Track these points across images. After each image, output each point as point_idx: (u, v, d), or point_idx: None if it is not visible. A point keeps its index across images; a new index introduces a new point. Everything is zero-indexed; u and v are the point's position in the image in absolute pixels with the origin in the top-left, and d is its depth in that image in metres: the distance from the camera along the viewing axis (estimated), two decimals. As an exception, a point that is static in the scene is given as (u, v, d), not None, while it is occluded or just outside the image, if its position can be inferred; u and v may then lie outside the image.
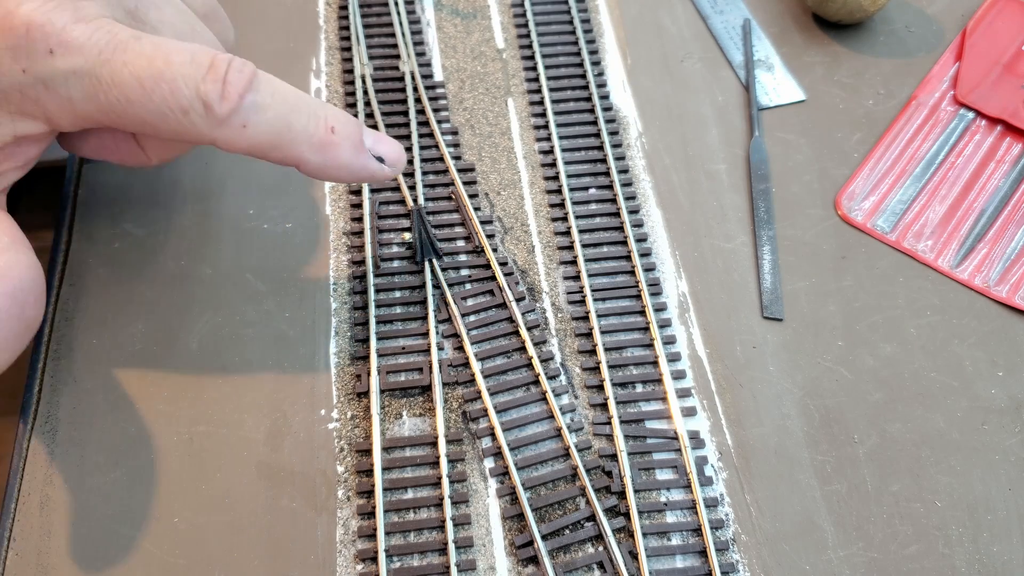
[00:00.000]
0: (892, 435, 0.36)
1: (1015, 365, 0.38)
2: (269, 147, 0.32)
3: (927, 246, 0.41)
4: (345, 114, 0.34)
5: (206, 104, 0.30)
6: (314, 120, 0.32)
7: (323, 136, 0.33)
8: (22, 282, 0.31)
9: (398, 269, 0.39)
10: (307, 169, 0.33)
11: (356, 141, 0.34)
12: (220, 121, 0.31)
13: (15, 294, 0.31)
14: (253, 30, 0.48)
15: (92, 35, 0.30)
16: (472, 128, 0.45)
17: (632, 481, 0.34)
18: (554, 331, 0.38)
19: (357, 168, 0.34)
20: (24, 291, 0.31)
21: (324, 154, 0.33)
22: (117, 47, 0.30)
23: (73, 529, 0.33)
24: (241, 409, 0.36)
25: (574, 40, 0.48)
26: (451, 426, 0.36)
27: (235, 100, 0.31)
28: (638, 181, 0.43)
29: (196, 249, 0.40)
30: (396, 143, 0.35)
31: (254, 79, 0.31)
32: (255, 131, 0.32)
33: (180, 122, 0.31)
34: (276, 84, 0.32)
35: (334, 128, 0.33)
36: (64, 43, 0.30)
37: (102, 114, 0.31)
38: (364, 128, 0.34)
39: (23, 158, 0.33)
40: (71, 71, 0.30)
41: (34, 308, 0.32)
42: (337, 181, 0.37)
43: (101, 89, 0.30)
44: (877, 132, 0.45)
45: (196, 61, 0.31)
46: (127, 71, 0.30)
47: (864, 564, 0.33)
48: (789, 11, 0.50)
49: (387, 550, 0.32)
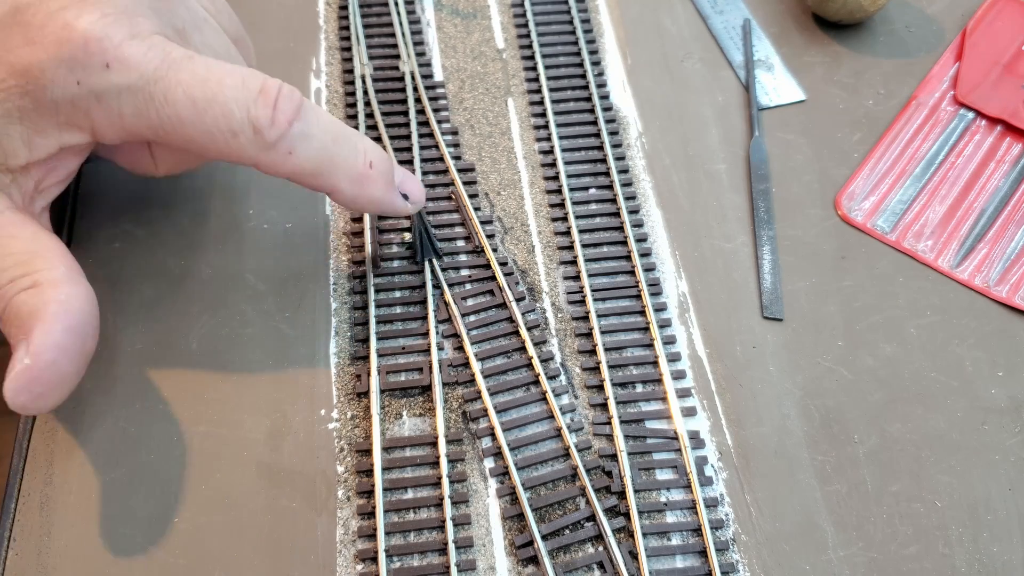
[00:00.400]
0: (892, 435, 0.36)
1: (1015, 365, 0.38)
2: (310, 175, 0.33)
3: (927, 246, 0.41)
4: (381, 150, 0.35)
5: (256, 128, 0.31)
6: (355, 153, 0.34)
7: (362, 169, 0.34)
8: (82, 315, 0.31)
9: (398, 269, 0.39)
10: (339, 198, 0.35)
11: (389, 178, 0.35)
12: (268, 146, 0.32)
13: (76, 328, 0.31)
14: (253, 30, 0.47)
15: (147, 52, 0.30)
16: (472, 128, 0.45)
17: (632, 481, 0.34)
18: (554, 331, 0.38)
19: (386, 203, 0.35)
20: (84, 324, 0.31)
21: (359, 187, 0.34)
22: (171, 66, 0.31)
23: (73, 529, 0.33)
24: (241, 409, 0.36)
25: (574, 40, 0.48)
26: (451, 426, 0.36)
27: (284, 126, 0.32)
28: (638, 181, 0.43)
29: (196, 249, 0.40)
30: (419, 183, 0.37)
31: (302, 107, 0.32)
32: (299, 158, 0.32)
33: (228, 144, 0.31)
34: (321, 114, 0.33)
35: (372, 163, 0.34)
36: (120, 58, 0.30)
37: (150, 130, 0.31)
38: (394, 162, 0.36)
39: (64, 171, 0.33)
40: (125, 86, 0.30)
41: (93, 339, 0.32)
42: (362, 212, 0.39)
43: (153, 106, 0.31)
44: (877, 132, 0.45)
45: (248, 85, 0.31)
46: (181, 90, 0.31)
47: (864, 564, 0.33)
48: (789, 11, 0.50)
49: (387, 550, 0.32)
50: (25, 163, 0.31)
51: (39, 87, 0.30)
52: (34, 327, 0.30)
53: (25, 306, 0.30)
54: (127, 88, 0.30)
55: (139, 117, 0.31)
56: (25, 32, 0.30)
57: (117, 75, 0.30)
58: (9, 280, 0.31)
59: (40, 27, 0.30)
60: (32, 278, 0.30)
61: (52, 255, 0.32)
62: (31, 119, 0.30)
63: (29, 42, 0.30)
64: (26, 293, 0.30)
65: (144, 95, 0.30)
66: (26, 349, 0.29)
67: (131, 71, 0.30)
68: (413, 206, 0.37)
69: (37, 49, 0.29)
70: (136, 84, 0.30)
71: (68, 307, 0.30)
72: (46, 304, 0.30)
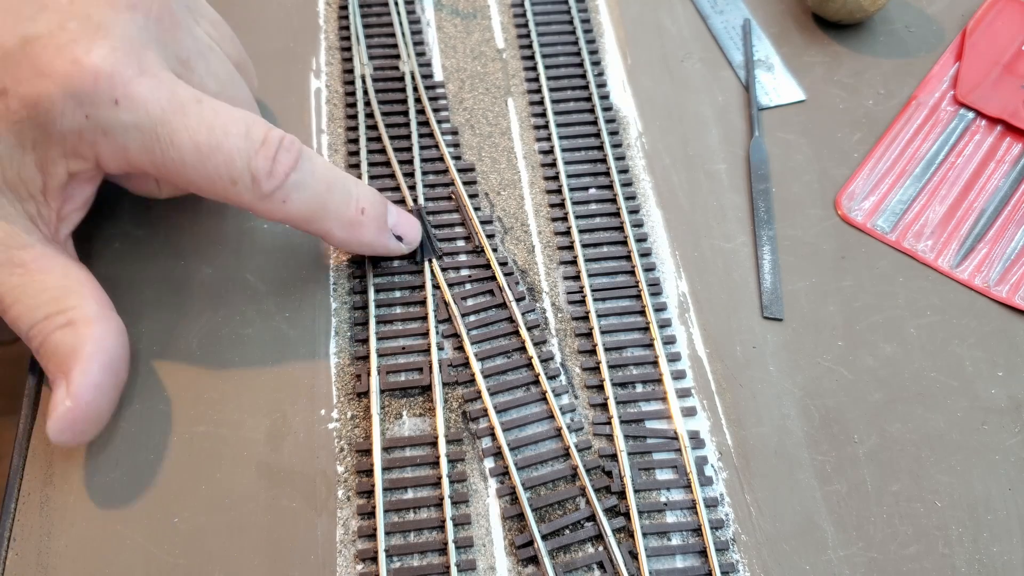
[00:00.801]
0: (892, 435, 0.36)
1: (1015, 365, 0.38)
2: (303, 221, 0.34)
3: (927, 246, 0.41)
4: (374, 193, 0.36)
5: (255, 178, 0.32)
6: (347, 200, 0.35)
7: (353, 216, 0.35)
8: (116, 351, 0.32)
9: (398, 269, 0.39)
10: (332, 241, 0.36)
11: (382, 222, 0.36)
12: (264, 195, 0.33)
13: (111, 365, 0.32)
14: (253, 30, 0.48)
15: (155, 91, 0.31)
16: (472, 128, 0.45)
17: (632, 481, 0.34)
18: (554, 331, 0.38)
19: (378, 246, 0.37)
20: (118, 359, 0.33)
21: (350, 232, 0.35)
22: (178, 108, 0.31)
23: (73, 529, 0.33)
24: (241, 409, 0.36)
25: (574, 40, 0.48)
26: (451, 426, 0.36)
27: (281, 178, 0.33)
28: (638, 181, 0.43)
29: (196, 249, 0.40)
30: (415, 222, 0.38)
31: (300, 157, 0.33)
32: (293, 206, 0.33)
33: (226, 189, 0.32)
34: (316, 162, 0.34)
35: (364, 209, 0.35)
36: (129, 96, 0.30)
37: (152, 166, 0.32)
38: (389, 206, 0.37)
39: (81, 199, 0.34)
40: (132, 124, 0.31)
41: (125, 371, 0.34)
42: (355, 252, 0.39)
43: (159, 146, 0.31)
44: (877, 132, 0.45)
45: (251, 136, 0.32)
46: (187, 135, 0.31)
47: (864, 564, 0.33)
48: (789, 11, 0.50)
49: (387, 550, 0.32)
50: (42, 188, 0.32)
51: (49, 119, 0.30)
52: (72, 367, 0.31)
53: (62, 345, 0.31)
54: (134, 125, 0.31)
55: (143, 153, 0.31)
56: (35, 64, 0.30)
57: (125, 112, 0.30)
58: (44, 317, 0.32)
59: (50, 60, 0.30)
60: (67, 316, 0.32)
61: (84, 290, 0.33)
62: (41, 148, 0.31)
63: (39, 74, 0.30)
64: (62, 331, 0.32)
65: (151, 134, 0.31)
66: (66, 390, 0.31)
67: (139, 109, 0.31)
68: (407, 246, 0.38)
69: (47, 81, 0.30)
70: (143, 123, 0.31)
71: (103, 345, 0.32)
72: (82, 343, 0.32)
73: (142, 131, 0.31)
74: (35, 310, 0.32)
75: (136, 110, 0.31)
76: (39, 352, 0.32)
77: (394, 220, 0.37)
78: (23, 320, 0.32)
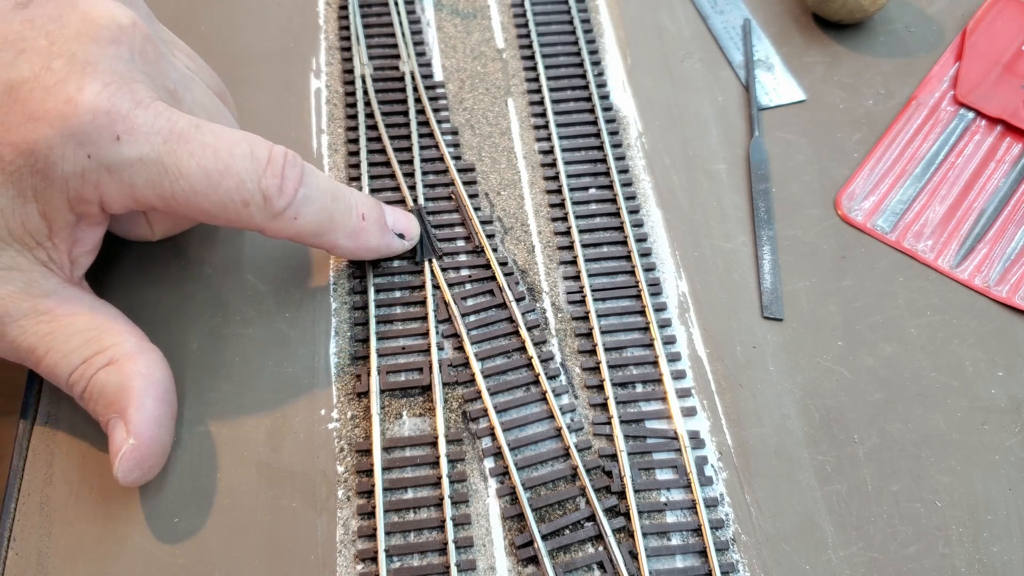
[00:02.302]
0: (892, 435, 0.36)
1: (1015, 365, 0.38)
2: (311, 235, 0.34)
3: (927, 246, 0.41)
4: (368, 197, 0.36)
5: (266, 198, 0.32)
6: (349, 209, 0.35)
7: (356, 223, 0.35)
8: (164, 381, 0.32)
9: (398, 269, 0.39)
10: (339, 252, 0.36)
11: (382, 224, 0.36)
12: (276, 214, 0.32)
13: (163, 396, 0.32)
14: (253, 30, 0.48)
15: (154, 122, 0.30)
16: (472, 128, 0.45)
17: (632, 481, 0.34)
18: (554, 331, 0.38)
19: (383, 248, 0.37)
20: (168, 390, 0.33)
21: (357, 239, 0.35)
22: (180, 136, 0.30)
23: (73, 529, 0.33)
24: (241, 409, 0.36)
25: (574, 40, 0.48)
26: (451, 426, 0.36)
27: (291, 194, 0.32)
28: (638, 181, 0.43)
29: (196, 249, 0.40)
30: (411, 217, 0.38)
31: (304, 171, 0.33)
32: (303, 222, 0.33)
33: (239, 213, 0.32)
34: (319, 175, 0.34)
35: (364, 215, 0.35)
36: (130, 129, 0.29)
37: (160, 200, 0.31)
38: (383, 206, 0.37)
39: (91, 241, 0.33)
40: (138, 158, 0.30)
41: (175, 399, 0.33)
42: (362, 259, 0.39)
43: (167, 178, 0.30)
44: (877, 132, 0.45)
45: (255, 155, 0.32)
46: (194, 162, 0.30)
47: (864, 564, 0.33)
48: (789, 11, 0.50)
49: (387, 550, 0.32)
50: (48, 234, 0.31)
51: (48, 164, 0.29)
52: (126, 405, 0.31)
53: (109, 385, 0.31)
54: (139, 159, 0.30)
55: (151, 188, 0.30)
56: (24, 109, 0.29)
57: (128, 147, 0.30)
58: (83, 360, 0.31)
59: (41, 102, 0.29)
60: (107, 355, 0.31)
61: (116, 326, 0.33)
62: (44, 197, 0.30)
63: (31, 119, 0.29)
64: (105, 371, 0.31)
65: (158, 167, 0.30)
66: (125, 429, 0.31)
67: (142, 142, 0.30)
68: (410, 242, 0.38)
69: (42, 125, 0.29)
70: (148, 155, 0.30)
71: (152, 379, 0.32)
72: (130, 380, 0.31)
73: (148, 164, 0.30)
74: (71, 355, 0.31)
75: (140, 143, 0.30)
76: (84, 397, 0.32)
77: (392, 219, 0.37)
78: (60, 368, 0.31)
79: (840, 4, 0.47)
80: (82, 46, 0.30)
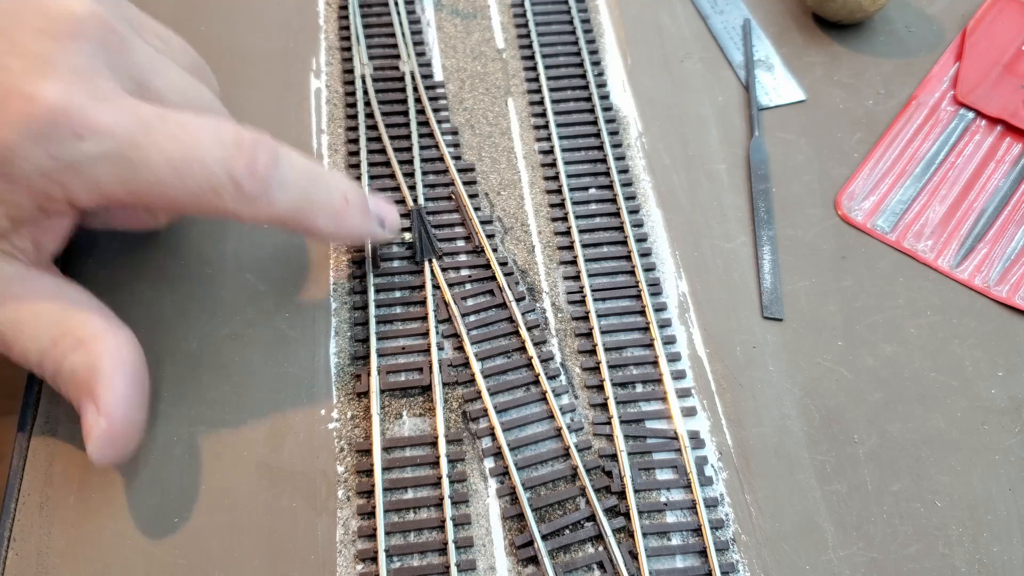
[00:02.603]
0: (892, 435, 0.36)
1: (1015, 365, 0.38)
2: (290, 219, 0.33)
3: (927, 246, 0.41)
4: (352, 182, 0.35)
5: (237, 184, 0.31)
6: (330, 191, 0.34)
7: (339, 205, 0.34)
8: (134, 360, 0.32)
9: (398, 269, 0.39)
10: (318, 234, 0.35)
11: (364, 208, 0.35)
12: (250, 199, 0.31)
13: (133, 375, 0.31)
14: (253, 30, 0.48)
15: (117, 116, 0.29)
16: (472, 128, 0.45)
17: (632, 481, 0.34)
18: (554, 331, 0.38)
19: (364, 232, 0.36)
20: (138, 368, 0.32)
21: (338, 221, 0.34)
22: (144, 129, 0.30)
23: (73, 529, 0.33)
24: (241, 409, 0.36)
25: (574, 40, 0.48)
26: (451, 426, 0.36)
27: (263, 177, 0.31)
28: (638, 181, 0.43)
29: (196, 249, 0.40)
30: (393, 207, 0.37)
31: (278, 155, 0.32)
32: (280, 206, 0.32)
33: (211, 201, 0.31)
34: (294, 157, 0.33)
35: (348, 198, 0.34)
36: (91, 126, 0.29)
37: (129, 194, 0.30)
38: (367, 193, 0.36)
39: (60, 231, 0.32)
40: (101, 154, 0.29)
41: (147, 378, 0.33)
42: (341, 243, 0.38)
43: (133, 172, 0.30)
44: (877, 132, 0.45)
45: (223, 141, 0.31)
46: (159, 154, 0.30)
47: (864, 564, 0.33)
48: (789, 11, 0.50)
49: (387, 550, 0.32)
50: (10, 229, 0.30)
51: (9, 164, 0.28)
52: (95, 386, 0.30)
53: (78, 366, 0.31)
54: (103, 156, 0.29)
55: (118, 183, 0.30)
56: None
57: (91, 144, 0.29)
58: (51, 342, 0.31)
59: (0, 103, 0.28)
60: (74, 336, 0.31)
61: (83, 307, 0.32)
62: (7, 198, 0.29)
63: None
64: (74, 353, 0.31)
65: (122, 161, 0.29)
66: (96, 410, 0.30)
67: (104, 138, 0.29)
68: (390, 232, 0.37)
69: (1, 128, 0.28)
70: (112, 151, 0.29)
71: (120, 358, 0.31)
72: (98, 360, 0.31)
73: (112, 160, 0.29)
74: (39, 338, 0.31)
75: (102, 139, 0.29)
76: (56, 380, 0.31)
77: (373, 205, 0.36)
78: (30, 352, 0.31)
79: (840, 4, 0.47)
80: (39, 43, 0.29)
